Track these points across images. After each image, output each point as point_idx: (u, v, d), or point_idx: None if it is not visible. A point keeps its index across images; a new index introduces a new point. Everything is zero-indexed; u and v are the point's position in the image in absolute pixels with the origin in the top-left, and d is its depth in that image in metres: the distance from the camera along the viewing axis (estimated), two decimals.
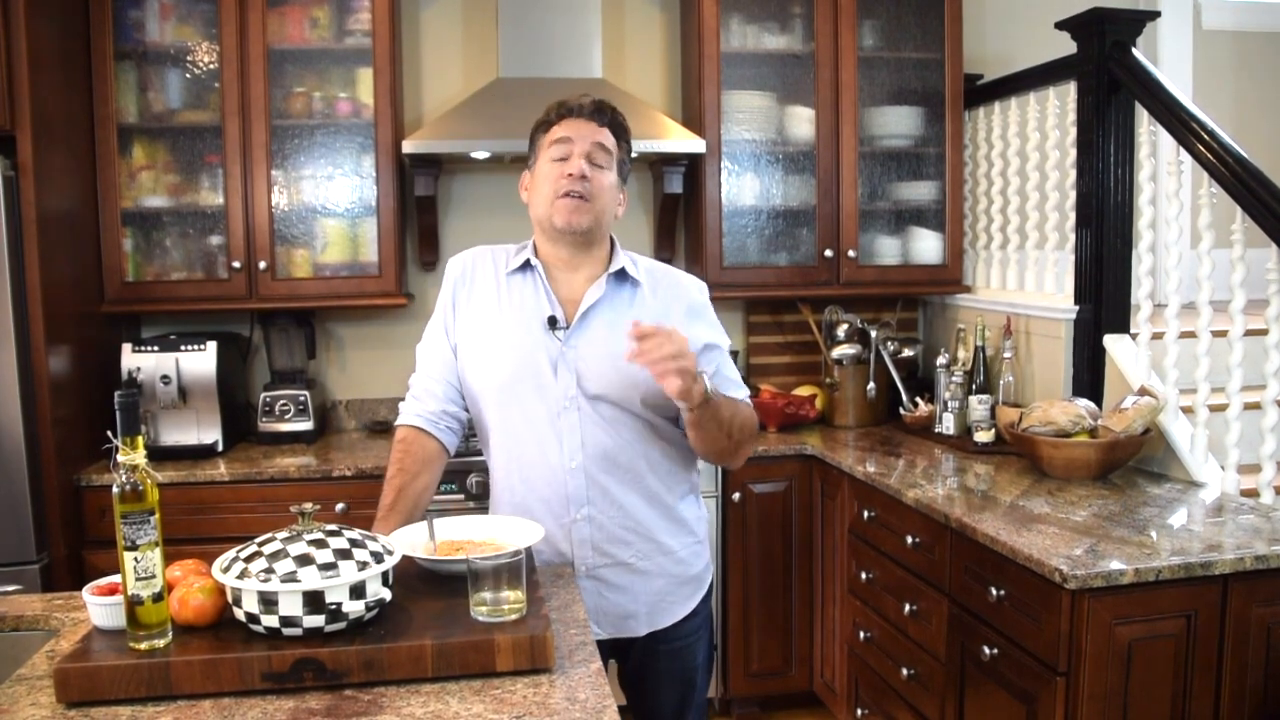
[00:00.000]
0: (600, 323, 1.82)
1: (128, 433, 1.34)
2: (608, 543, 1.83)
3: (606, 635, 1.85)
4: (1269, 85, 4.20)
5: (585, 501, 1.81)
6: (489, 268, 1.90)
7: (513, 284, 1.87)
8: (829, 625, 3.12)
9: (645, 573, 1.86)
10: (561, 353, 1.80)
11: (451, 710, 1.28)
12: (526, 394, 1.81)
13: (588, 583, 1.83)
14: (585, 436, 1.80)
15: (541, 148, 1.85)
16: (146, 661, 1.31)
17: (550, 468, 1.81)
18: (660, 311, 1.83)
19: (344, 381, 3.62)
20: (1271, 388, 2.42)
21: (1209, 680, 1.98)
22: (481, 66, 3.54)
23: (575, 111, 1.83)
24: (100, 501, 2.86)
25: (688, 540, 1.92)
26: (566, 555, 1.83)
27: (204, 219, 3.22)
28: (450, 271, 1.93)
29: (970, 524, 2.23)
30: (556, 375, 1.79)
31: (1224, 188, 2.46)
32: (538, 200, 1.84)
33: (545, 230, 1.84)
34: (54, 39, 2.83)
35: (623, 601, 1.85)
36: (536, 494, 1.83)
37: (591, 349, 1.80)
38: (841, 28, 3.37)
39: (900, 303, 3.77)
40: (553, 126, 1.83)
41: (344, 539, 1.43)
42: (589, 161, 1.79)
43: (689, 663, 1.95)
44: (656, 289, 1.89)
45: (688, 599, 1.92)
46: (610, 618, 1.85)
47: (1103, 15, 2.75)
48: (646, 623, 1.88)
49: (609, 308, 1.83)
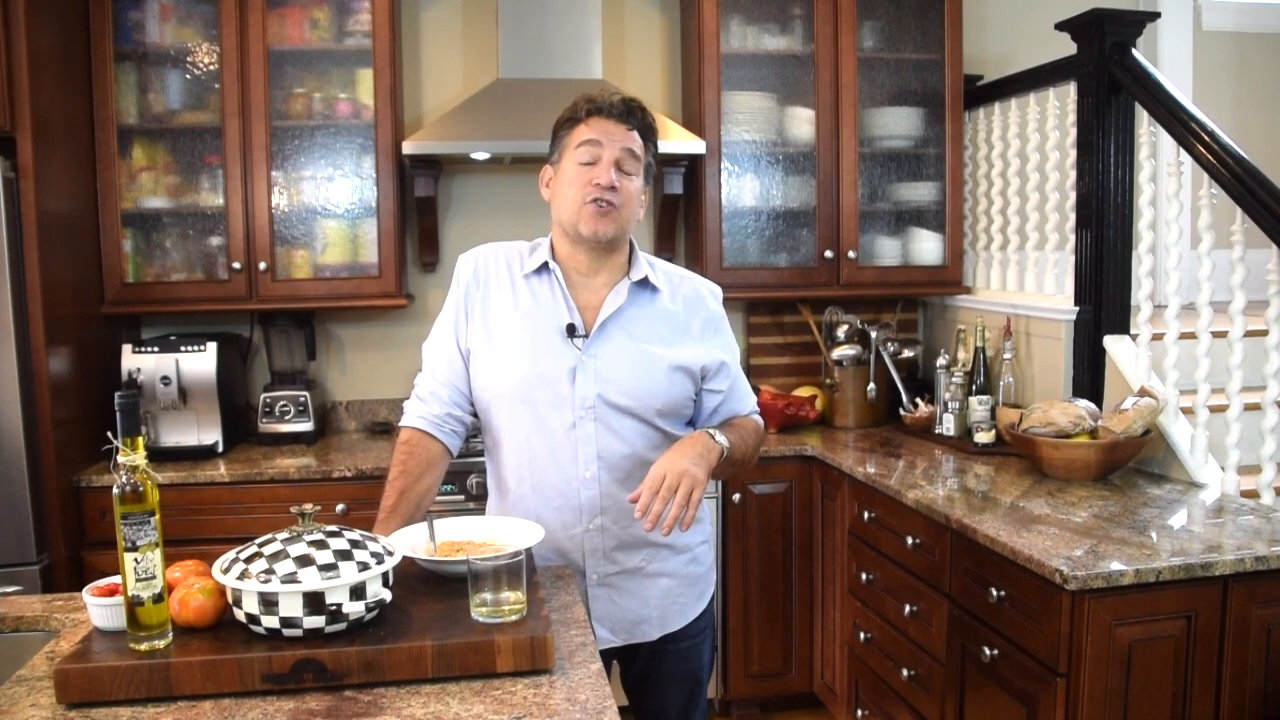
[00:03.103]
0: (620, 331, 1.79)
1: (128, 434, 1.34)
2: (619, 550, 1.82)
3: (620, 642, 1.85)
4: (1269, 86, 4.20)
5: (599, 511, 1.80)
6: (502, 269, 1.85)
7: (529, 287, 1.82)
8: (829, 626, 3.12)
9: (656, 575, 1.86)
10: (581, 361, 1.77)
11: (452, 711, 1.28)
12: (542, 402, 1.77)
13: (600, 590, 1.82)
14: (601, 446, 1.78)
15: (568, 146, 1.78)
16: (147, 662, 1.31)
17: (565, 478, 1.79)
18: (680, 321, 1.84)
19: (344, 382, 3.62)
20: (1271, 389, 2.42)
21: (1209, 681, 1.98)
22: (481, 67, 3.54)
23: (605, 111, 1.77)
24: (100, 503, 2.85)
25: (696, 539, 1.92)
26: (578, 564, 1.82)
27: (204, 220, 3.22)
28: (461, 272, 1.87)
29: (970, 525, 2.23)
30: (575, 384, 1.76)
31: (1224, 189, 2.46)
32: (562, 203, 1.79)
33: (568, 233, 1.80)
34: (54, 40, 2.83)
35: (635, 607, 1.85)
36: (549, 504, 1.80)
37: (612, 358, 1.77)
38: (841, 29, 3.38)
39: (900, 304, 3.77)
40: (580, 124, 1.77)
41: (344, 540, 1.43)
42: (618, 168, 1.75)
43: (695, 663, 1.96)
44: (676, 295, 1.87)
45: (698, 600, 1.93)
46: (624, 624, 1.85)
47: (1103, 16, 2.75)
48: (659, 626, 1.88)
49: (629, 315, 1.81)
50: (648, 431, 1.80)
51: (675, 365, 1.80)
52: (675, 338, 1.83)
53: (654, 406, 1.79)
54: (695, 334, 1.84)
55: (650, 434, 1.81)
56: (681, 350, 1.82)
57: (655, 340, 1.81)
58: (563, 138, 1.81)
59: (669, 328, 1.83)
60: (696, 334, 1.85)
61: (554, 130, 1.84)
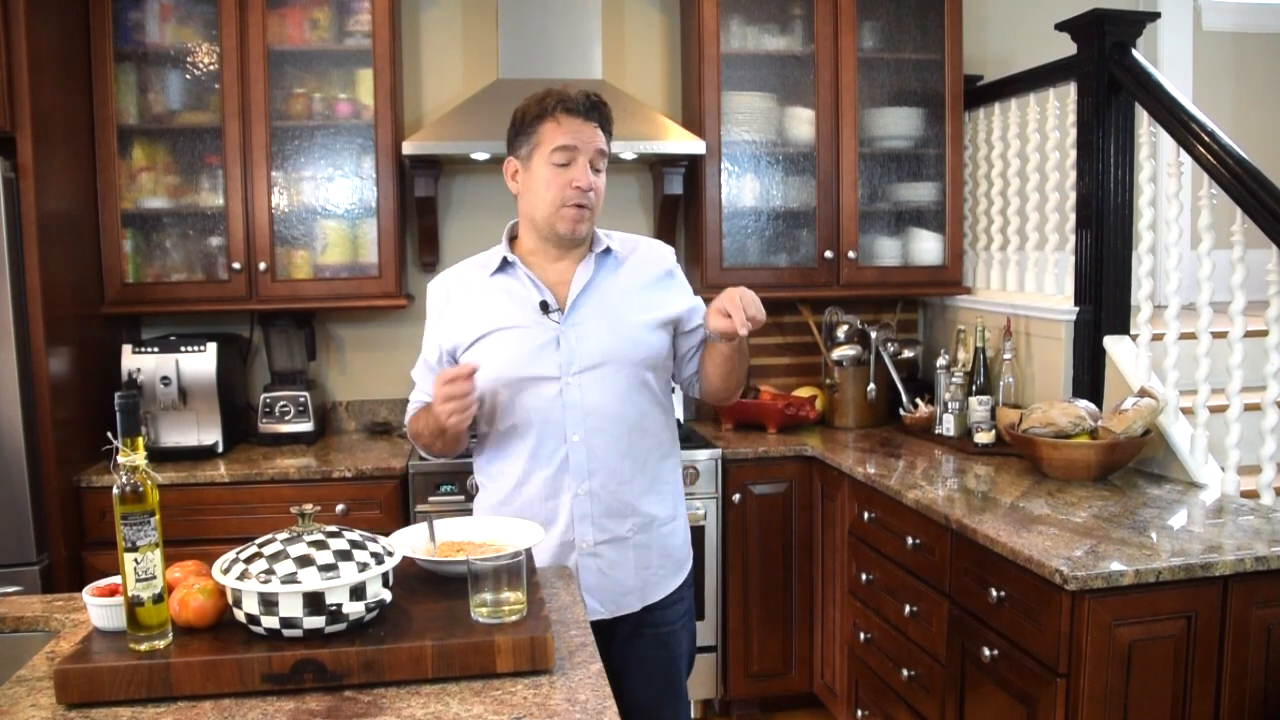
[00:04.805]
0: (593, 299, 1.92)
1: (128, 434, 1.34)
2: (606, 517, 1.92)
3: (608, 614, 1.93)
4: (1269, 86, 4.20)
5: (586, 475, 1.89)
6: (469, 279, 1.98)
7: (497, 283, 1.94)
8: (829, 626, 3.12)
9: (638, 547, 1.96)
10: (561, 332, 1.88)
11: (452, 711, 1.28)
12: (530, 375, 1.87)
13: (589, 560, 1.91)
14: (587, 409, 1.88)
15: (539, 145, 1.87)
16: (147, 663, 1.31)
17: (555, 444, 1.89)
18: (645, 279, 1.97)
19: (344, 383, 3.62)
20: (1271, 389, 2.42)
21: (1209, 681, 1.98)
22: (481, 68, 3.54)
23: (575, 109, 1.86)
24: (100, 503, 2.85)
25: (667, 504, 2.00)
26: (569, 535, 1.90)
27: (204, 220, 3.22)
28: (434, 295, 2.00)
29: (970, 525, 2.23)
30: (560, 351, 1.87)
31: (1224, 189, 2.46)
32: (537, 202, 1.89)
33: (540, 230, 1.92)
34: (54, 40, 2.83)
35: (620, 577, 1.94)
36: (542, 473, 1.90)
37: (590, 324, 1.89)
38: (841, 29, 3.38)
39: (900, 304, 3.77)
40: (548, 120, 1.86)
41: (344, 540, 1.43)
42: (590, 167, 1.87)
43: (673, 650, 2.02)
44: (635, 257, 2.00)
45: (675, 572, 2.03)
46: (611, 595, 1.95)
47: (1103, 16, 2.75)
48: (640, 597, 1.97)
49: (599, 282, 1.94)
50: (630, 392, 1.91)
51: (650, 321, 1.94)
52: (645, 295, 1.96)
53: (635, 361, 1.90)
54: (662, 288, 1.99)
55: (633, 394, 1.91)
56: (653, 305, 1.96)
57: (628, 301, 1.94)
58: (531, 134, 1.88)
59: (638, 287, 1.96)
60: (663, 288, 1.99)
61: (518, 121, 1.91)
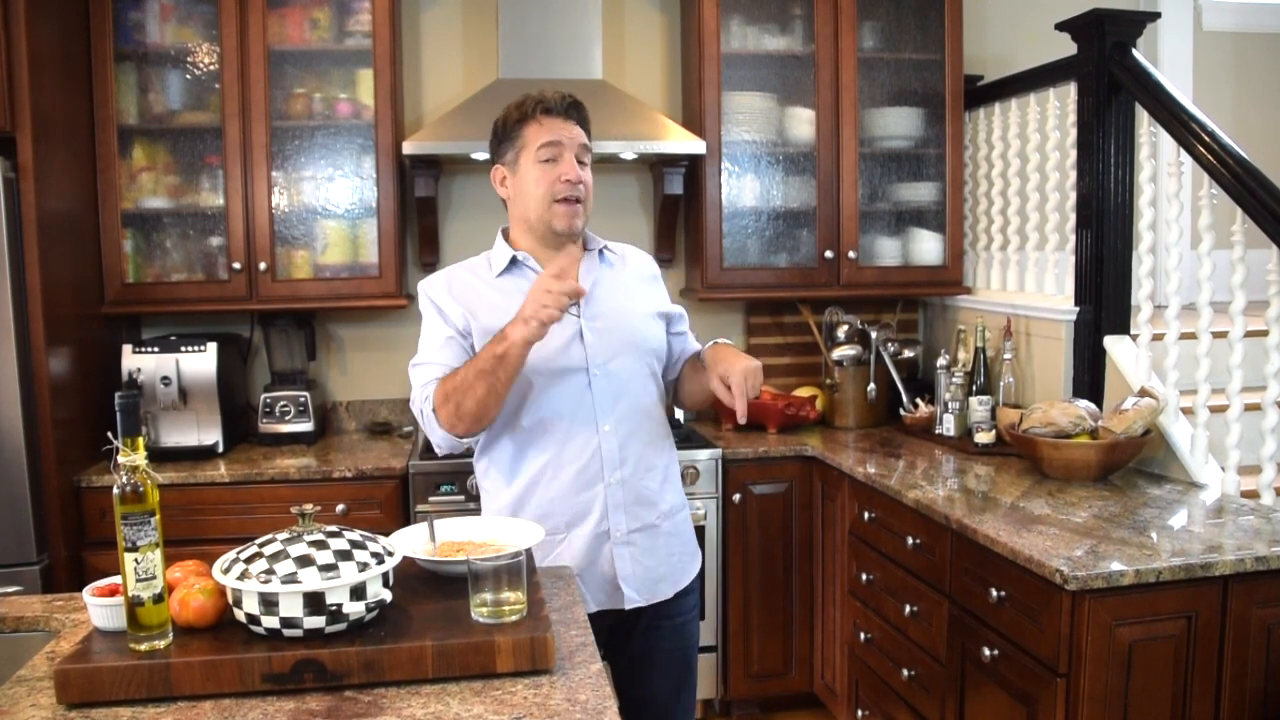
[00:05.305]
0: (602, 291, 1.96)
1: (128, 434, 1.34)
2: (637, 505, 1.94)
3: (644, 601, 1.95)
4: (1269, 86, 4.20)
5: (618, 464, 1.91)
6: (470, 279, 1.95)
7: (508, 283, 1.93)
8: (829, 626, 3.12)
9: (667, 534, 1.99)
10: (581, 325, 1.90)
11: (452, 711, 1.28)
12: (562, 368, 1.88)
13: (624, 549, 1.93)
14: (615, 397, 1.91)
15: (524, 146, 1.89)
16: (147, 663, 1.31)
17: (586, 435, 1.89)
18: (637, 277, 2.05)
19: (344, 383, 3.62)
20: (1272, 389, 2.42)
21: (1209, 682, 1.98)
22: (482, 67, 3.54)
23: (554, 110, 1.89)
24: (101, 503, 2.85)
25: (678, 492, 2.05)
26: (603, 525, 1.90)
27: (204, 220, 3.22)
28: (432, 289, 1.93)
29: (971, 525, 2.23)
30: (584, 346, 1.89)
31: (1224, 189, 2.46)
32: (529, 201, 1.90)
33: (534, 229, 1.93)
34: (54, 40, 2.83)
35: (653, 565, 1.96)
36: (573, 465, 1.89)
37: (606, 318, 1.93)
38: (842, 29, 3.38)
39: (900, 304, 3.77)
40: (531, 123, 1.88)
41: (344, 540, 1.43)
42: (577, 161, 1.89)
43: (688, 640, 2.05)
44: (623, 258, 2.06)
45: (692, 558, 2.06)
46: (647, 583, 1.95)
47: (1103, 16, 2.75)
48: (672, 584, 1.99)
49: (603, 280, 1.98)
50: (645, 381, 1.97)
51: (652, 312, 2.02)
52: (641, 291, 2.04)
53: (646, 351, 1.97)
54: (651, 286, 2.08)
55: (646, 383, 1.97)
56: (650, 300, 2.05)
57: (631, 295, 2.01)
58: (515, 138, 1.90)
59: (634, 283, 2.04)
60: (652, 286, 2.08)
61: (500, 130, 1.94)
